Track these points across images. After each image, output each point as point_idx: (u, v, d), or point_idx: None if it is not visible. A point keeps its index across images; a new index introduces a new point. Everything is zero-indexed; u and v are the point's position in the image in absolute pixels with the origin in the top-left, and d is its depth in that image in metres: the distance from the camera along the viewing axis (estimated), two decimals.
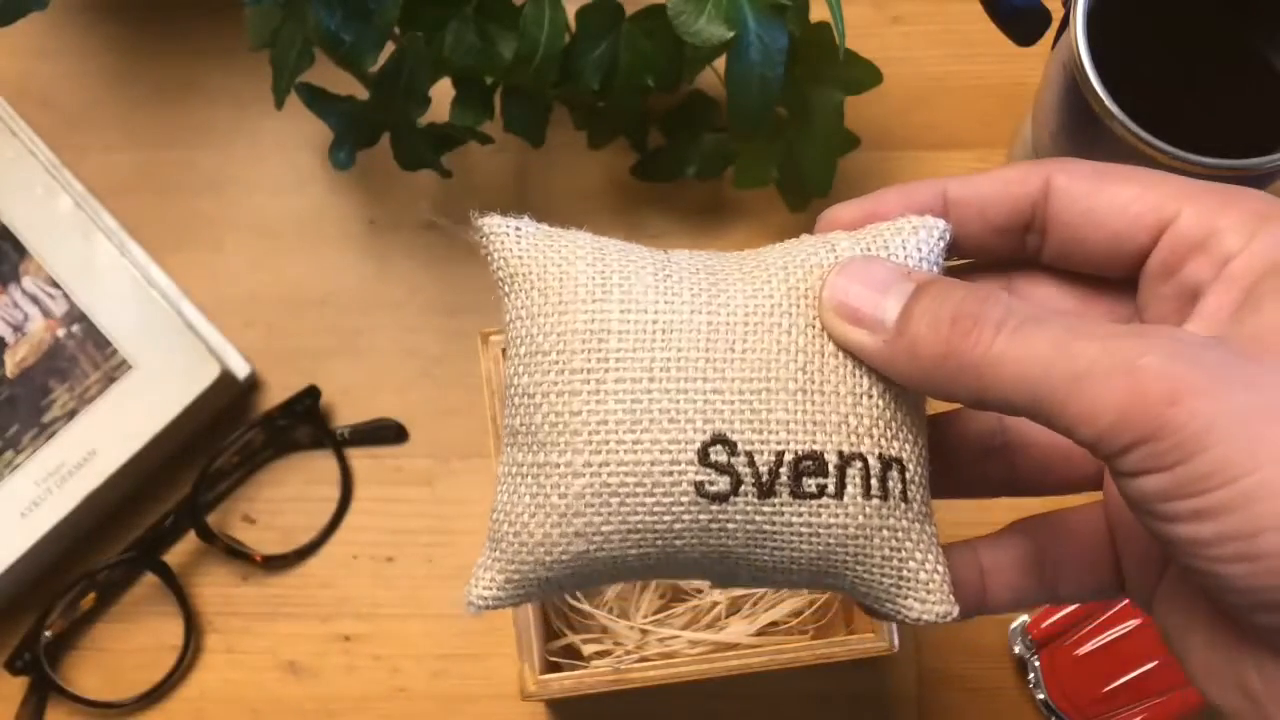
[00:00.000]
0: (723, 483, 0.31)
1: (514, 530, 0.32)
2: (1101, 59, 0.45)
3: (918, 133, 0.61)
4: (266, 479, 0.59)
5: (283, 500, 0.59)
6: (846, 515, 0.31)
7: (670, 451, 0.31)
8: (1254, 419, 0.26)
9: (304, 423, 0.59)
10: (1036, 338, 0.28)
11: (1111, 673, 0.54)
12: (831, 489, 0.31)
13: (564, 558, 0.32)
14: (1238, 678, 0.29)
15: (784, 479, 0.31)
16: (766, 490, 0.31)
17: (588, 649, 0.52)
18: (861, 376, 0.31)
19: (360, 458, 0.59)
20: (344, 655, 0.57)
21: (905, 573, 0.32)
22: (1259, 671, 0.28)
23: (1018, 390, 0.28)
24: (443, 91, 0.54)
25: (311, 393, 0.58)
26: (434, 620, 0.58)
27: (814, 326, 0.31)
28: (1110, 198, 0.32)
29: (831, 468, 0.31)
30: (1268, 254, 0.30)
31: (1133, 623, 0.54)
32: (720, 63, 0.50)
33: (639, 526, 0.31)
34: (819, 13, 0.50)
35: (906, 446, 0.32)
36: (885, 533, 0.31)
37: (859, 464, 0.31)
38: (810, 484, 0.31)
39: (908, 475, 0.31)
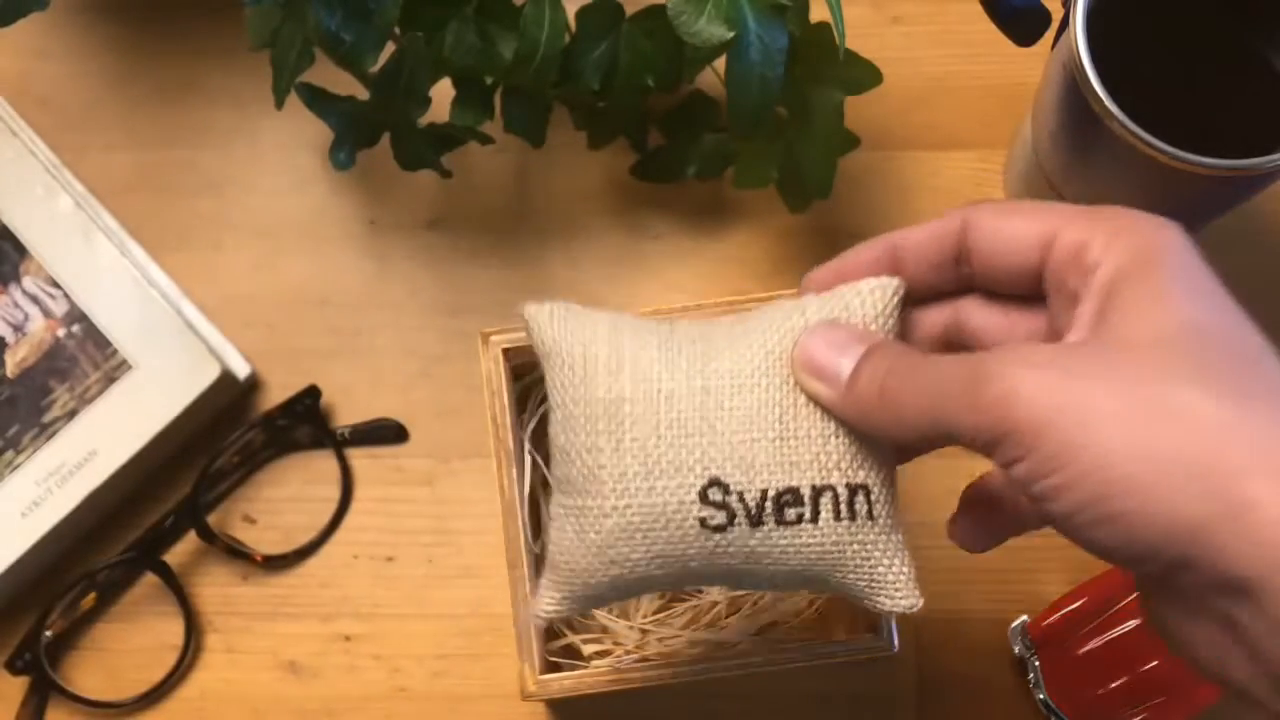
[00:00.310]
0: (720, 517, 0.38)
1: (564, 559, 0.40)
2: (1101, 59, 0.45)
3: (918, 133, 0.61)
4: (267, 479, 0.59)
5: (283, 500, 0.59)
6: (823, 535, 0.38)
7: (677, 494, 0.38)
8: (1088, 403, 0.31)
9: (304, 423, 0.59)
10: (926, 377, 0.35)
11: (1111, 673, 0.54)
12: (809, 516, 0.38)
13: (604, 579, 0.40)
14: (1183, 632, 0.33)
15: (769, 511, 0.38)
16: (756, 521, 0.38)
17: (588, 649, 0.52)
18: (829, 420, 0.38)
19: (360, 458, 0.59)
20: (344, 655, 0.57)
21: (875, 576, 0.39)
22: (1190, 621, 0.32)
23: (922, 421, 0.35)
24: (443, 92, 0.54)
25: (311, 393, 0.58)
26: (434, 620, 0.58)
27: (788, 383, 0.38)
28: (1010, 228, 0.37)
29: (807, 499, 0.38)
30: (1118, 263, 0.35)
31: (1132, 623, 0.54)
32: (720, 63, 0.50)
33: (659, 554, 0.39)
34: (819, 13, 0.50)
35: (871, 473, 0.38)
36: (856, 546, 0.38)
37: (830, 494, 0.38)
38: (791, 513, 0.38)
39: (873, 497, 0.38)
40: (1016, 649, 0.55)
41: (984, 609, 0.56)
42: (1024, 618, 0.55)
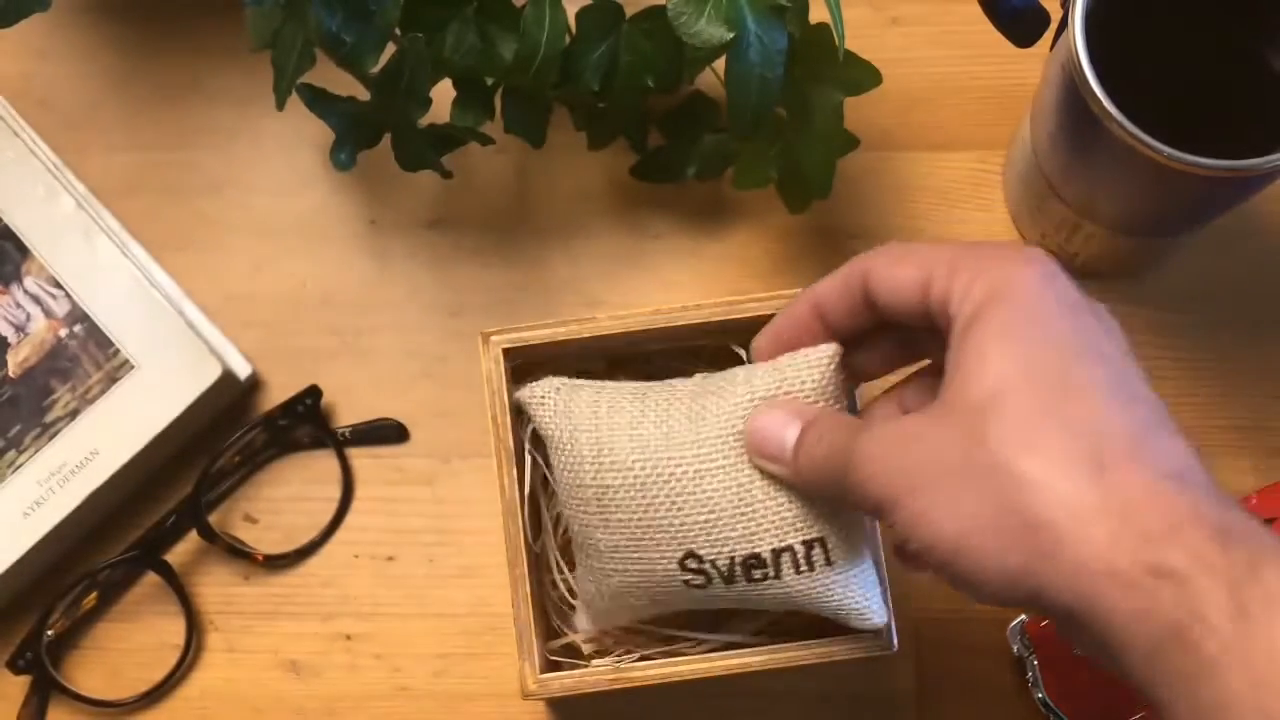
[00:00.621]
0: (700, 579, 0.45)
1: (588, 602, 0.50)
2: (1100, 60, 0.45)
3: (917, 133, 0.61)
4: (268, 479, 0.59)
5: (284, 500, 0.59)
6: (788, 587, 0.45)
7: (661, 564, 0.45)
8: (923, 477, 0.36)
9: (305, 422, 0.59)
10: (834, 453, 0.40)
11: (1111, 672, 0.54)
12: (772, 574, 0.45)
13: (621, 618, 0.50)
14: None
15: (739, 574, 0.45)
16: (729, 580, 0.45)
17: (588, 648, 0.52)
18: (782, 489, 0.44)
19: (361, 457, 0.59)
20: (345, 654, 0.58)
21: (842, 607, 0.46)
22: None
23: (825, 485, 0.41)
24: (443, 92, 0.54)
25: (312, 392, 0.59)
26: (435, 619, 0.58)
27: (743, 458, 0.44)
28: (898, 276, 0.40)
29: (769, 561, 0.44)
30: (970, 310, 0.37)
31: None
32: (720, 63, 0.50)
33: (661, 600, 0.47)
34: (819, 13, 0.50)
35: (826, 526, 0.44)
36: (819, 589, 0.45)
37: (789, 553, 0.44)
38: (757, 574, 0.45)
39: (829, 546, 0.44)
40: (1016, 649, 0.55)
41: (984, 609, 0.56)
42: (1023, 617, 0.55)
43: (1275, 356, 0.58)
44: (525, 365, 0.51)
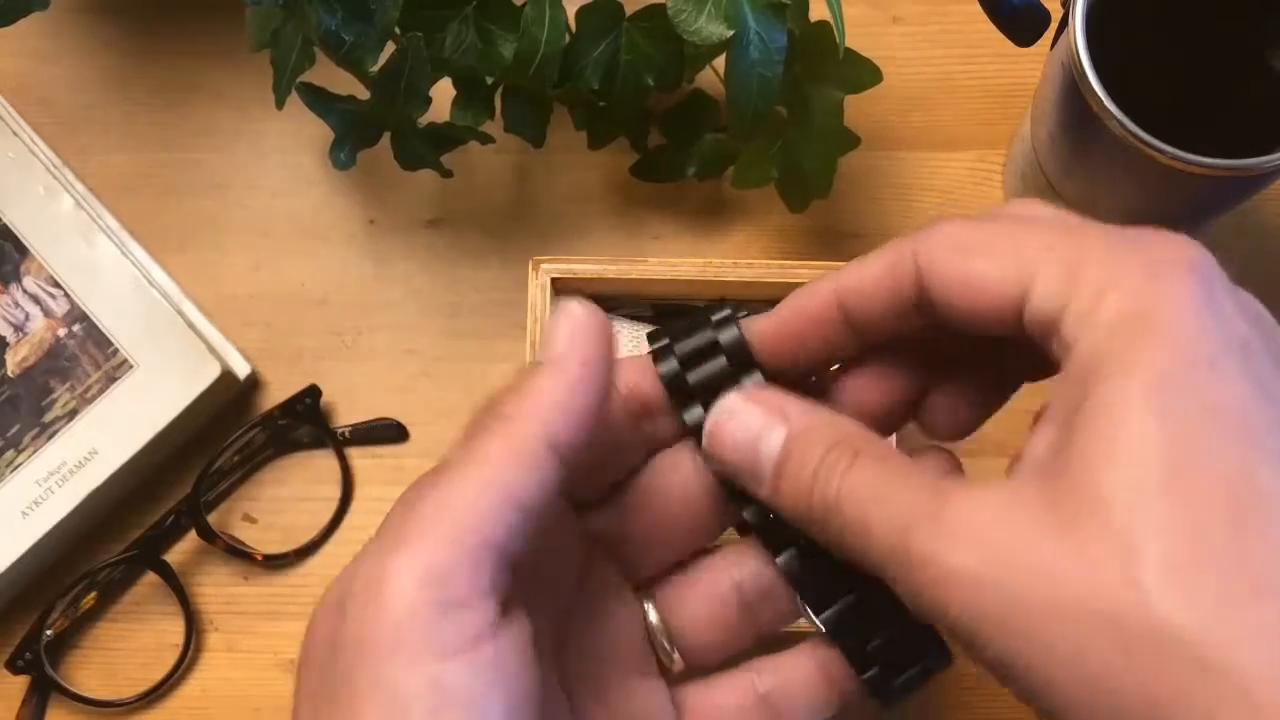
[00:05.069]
0: None
1: None
2: (1100, 59, 0.45)
3: (918, 133, 0.61)
4: (267, 478, 0.59)
5: (284, 499, 0.59)
6: None
7: None
8: (1034, 593, 0.25)
9: (305, 422, 0.59)
10: (867, 503, 0.28)
11: None
12: None
13: None
14: None
15: None
16: None
17: None
18: None
19: (361, 457, 0.59)
20: None
21: None
22: None
23: (822, 531, 0.29)
24: (443, 92, 0.54)
25: (312, 392, 0.59)
26: None
27: None
28: (973, 276, 0.28)
29: None
30: (1096, 344, 0.25)
31: None
32: (720, 62, 0.50)
33: None
34: (819, 12, 0.50)
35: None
36: None
37: None
38: None
39: None
40: None
41: None
42: None
43: None
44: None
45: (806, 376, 0.34)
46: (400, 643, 0.26)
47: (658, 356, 0.33)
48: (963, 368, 0.33)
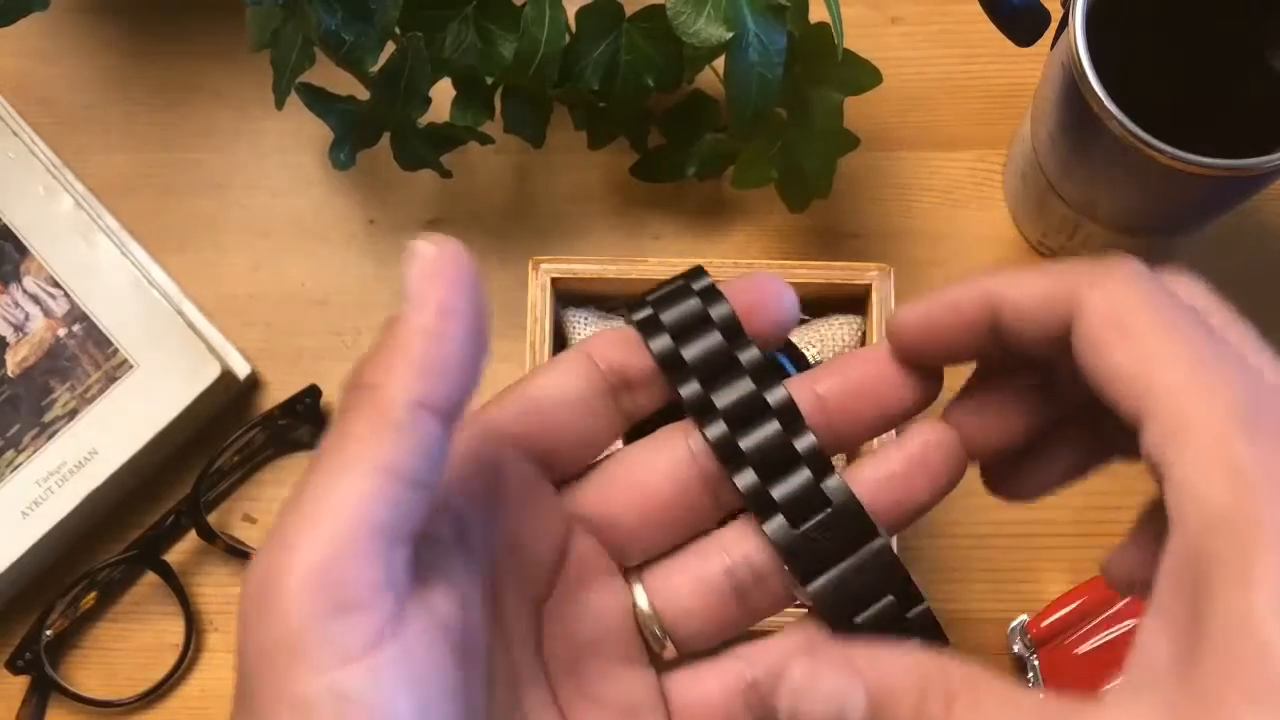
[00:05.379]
0: None
1: None
2: (1100, 59, 0.45)
3: (918, 133, 0.61)
4: (267, 478, 0.59)
5: (284, 499, 0.59)
6: None
7: None
8: None
9: (305, 422, 0.59)
10: None
11: (1111, 671, 0.54)
12: None
13: None
14: None
15: None
16: None
17: None
18: None
19: None
20: None
21: None
22: None
23: None
24: (443, 92, 0.54)
25: (312, 392, 0.59)
26: None
27: None
28: (1110, 364, 0.26)
29: None
30: (1213, 533, 0.22)
31: (1132, 622, 0.54)
32: (720, 63, 0.50)
33: None
34: (818, 13, 0.50)
35: None
36: None
37: None
38: None
39: None
40: (1016, 648, 0.55)
41: (984, 608, 0.56)
42: (1024, 617, 0.55)
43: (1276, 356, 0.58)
44: (572, 296, 0.51)
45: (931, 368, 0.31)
46: (297, 652, 0.25)
47: (646, 330, 0.32)
48: (1070, 425, 0.31)
